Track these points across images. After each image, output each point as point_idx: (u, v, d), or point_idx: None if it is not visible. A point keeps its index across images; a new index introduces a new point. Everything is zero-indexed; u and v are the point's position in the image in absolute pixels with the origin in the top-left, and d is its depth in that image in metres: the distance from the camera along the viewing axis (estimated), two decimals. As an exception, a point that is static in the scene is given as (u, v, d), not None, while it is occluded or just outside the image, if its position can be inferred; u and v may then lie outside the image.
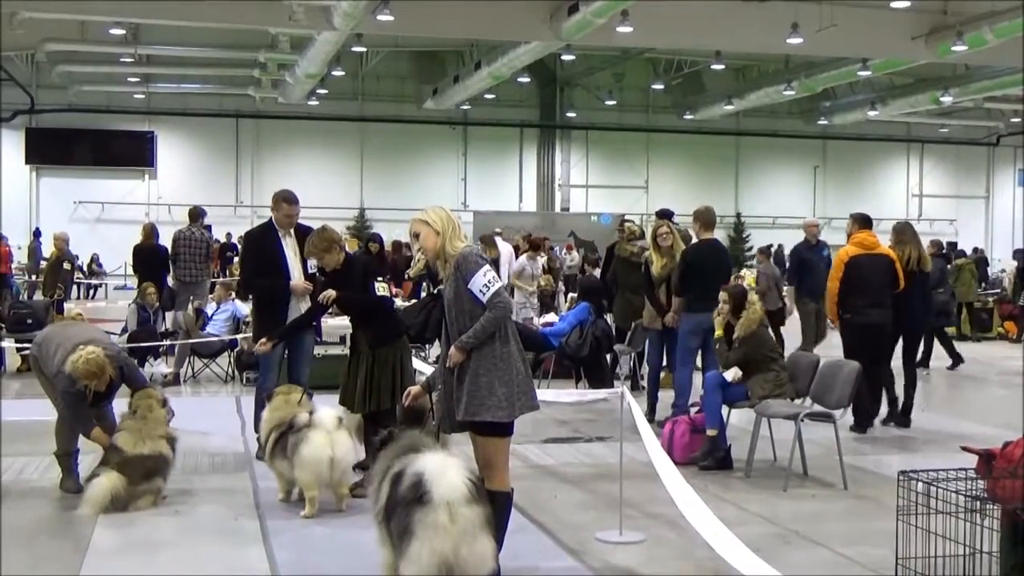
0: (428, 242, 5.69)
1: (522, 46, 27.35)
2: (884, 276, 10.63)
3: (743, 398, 8.94)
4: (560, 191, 42.20)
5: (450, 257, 5.66)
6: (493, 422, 5.50)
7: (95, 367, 7.45)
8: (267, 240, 9.11)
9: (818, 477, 8.63)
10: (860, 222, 11.04)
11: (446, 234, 5.64)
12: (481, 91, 35.39)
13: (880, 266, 10.66)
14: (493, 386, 5.48)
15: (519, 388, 5.54)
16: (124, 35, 30.38)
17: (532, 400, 5.66)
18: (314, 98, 36.83)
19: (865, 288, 10.53)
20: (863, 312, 10.57)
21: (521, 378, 5.58)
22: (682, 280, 10.58)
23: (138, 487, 7.41)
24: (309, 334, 9.18)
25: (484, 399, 5.49)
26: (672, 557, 6.56)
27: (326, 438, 7.25)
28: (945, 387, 15.51)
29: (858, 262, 10.63)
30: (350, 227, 36.07)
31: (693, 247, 10.84)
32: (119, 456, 7.43)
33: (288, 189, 9.30)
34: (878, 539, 6.10)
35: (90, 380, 7.50)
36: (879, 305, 10.60)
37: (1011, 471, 5.31)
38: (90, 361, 7.42)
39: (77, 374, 7.43)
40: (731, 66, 36.58)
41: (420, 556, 4.70)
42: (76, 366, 7.41)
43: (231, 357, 14.36)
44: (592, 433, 10.57)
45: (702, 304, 10.13)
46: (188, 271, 15.10)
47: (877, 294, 10.56)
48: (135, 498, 7.40)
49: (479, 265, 5.55)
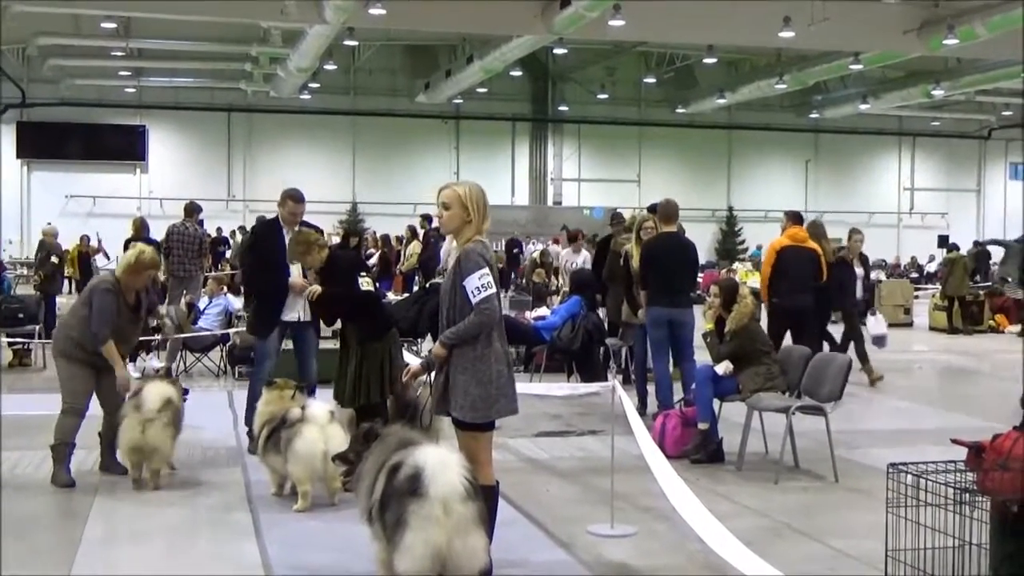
0: (452, 222, 5.58)
1: (514, 40, 27.35)
2: (808, 266, 11.91)
3: (734, 391, 8.96)
4: (552, 185, 42.22)
5: (463, 242, 5.58)
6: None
7: (149, 259, 8.06)
8: (270, 235, 9.19)
9: (809, 470, 8.66)
10: (793, 219, 12.48)
11: (475, 222, 5.55)
12: (473, 85, 35.41)
13: (805, 257, 11.93)
14: (468, 386, 5.44)
15: (498, 391, 5.48)
16: (115, 29, 30.31)
17: (511, 403, 5.58)
18: (306, 92, 36.81)
19: (791, 275, 11.76)
20: (787, 296, 11.64)
21: (502, 381, 5.50)
22: (642, 273, 10.66)
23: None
24: (310, 330, 9.24)
25: (457, 397, 5.48)
26: (664, 550, 6.57)
27: (319, 432, 7.25)
28: (935, 380, 15.57)
29: (787, 253, 11.94)
30: (342, 221, 36.03)
31: (651, 240, 10.71)
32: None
33: (296, 188, 9.36)
34: (869, 531, 6.12)
35: (134, 276, 7.98)
36: (801, 291, 11.67)
37: (1000, 463, 5.33)
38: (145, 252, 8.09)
39: (128, 268, 7.98)
40: (723, 60, 36.60)
41: (414, 547, 4.72)
42: (130, 258, 8.02)
43: (223, 351, 14.35)
44: (584, 427, 10.57)
45: (662, 298, 10.28)
46: (181, 265, 15.09)
47: (800, 281, 11.72)
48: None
49: (479, 266, 5.45)
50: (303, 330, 9.18)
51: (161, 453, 7.82)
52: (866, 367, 13.72)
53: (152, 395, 7.82)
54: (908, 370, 16.69)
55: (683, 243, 10.76)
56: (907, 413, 12.10)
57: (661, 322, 10.40)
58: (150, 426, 7.68)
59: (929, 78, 34.56)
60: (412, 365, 6.02)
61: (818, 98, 40.97)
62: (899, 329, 22.39)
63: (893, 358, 15.61)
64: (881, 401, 12.75)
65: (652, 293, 10.49)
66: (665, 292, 10.27)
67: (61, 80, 35.22)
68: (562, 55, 36.66)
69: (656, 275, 10.42)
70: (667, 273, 10.33)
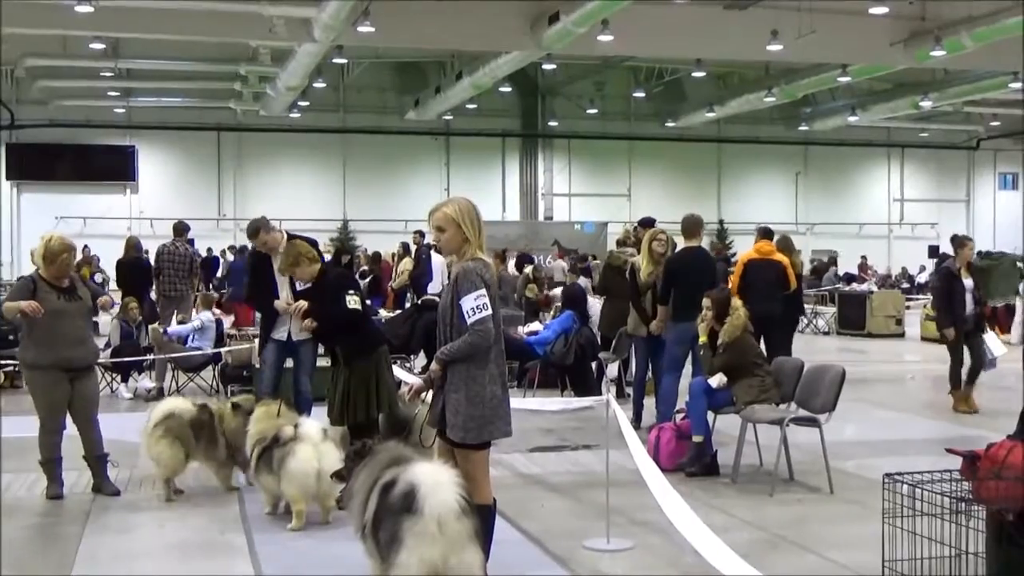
0: (452, 243, 5.59)
1: (503, 56, 27.38)
2: (773, 277, 12.38)
3: (728, 404, 8.96)
4: (543, 200, 42.22)
5: (462, 260, 5.59)
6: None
7: (57, 246, 8.01)
8: (259, 261, 9.81)
9: (804, 481, 8.65)
10: (762, 234, 13.17)
11: (473, 240, 5.57)
12: (463, 101, 35.42)
13: (770, 269, 12.46)
14: (460, 405, 5.44)
15: (492, 412, 5.47)
16: (104, 49, 30.27)
17: (506, 426, 5.57)
18: (296, 110, 36.79)
19: (757, 286, 12.13)
20: (753, 304, 11.65)
21: (495, 402, 5.48)
22: (665, 288, 10.63)
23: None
24: (308, 345, 9.44)
25: (450, 417, 5.48)
26: (660, 564, 6.56)
27: (312, 451, 7.23)
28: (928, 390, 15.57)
29: (753, 265, 12.53)
30: (333, 239, 36.00)
31: (676, 255, 10.90)
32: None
33: (257, 218, 9.98)
34: (865, 542, 6.11)
35: (51, 265, 8.00)
36: (766, 300, 11.85)
37: (995, 472, 5.34)
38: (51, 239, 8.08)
39: (42, 259, 8.03)
40: (712, 73, 36.70)
41: (409, 565, 4.70)
42: (40, 250, 8.06)
43: (215, 370, 14.32)
44: (578, 441, 10.56)
45: (687, 313, 10.17)
46: (172, 285, 15.06)
47: (765, 291, 12.00)
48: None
49: (475, 287, 5.44)
50: (298, 347, 9.52)
51: (160, 465, 7.97)
52: (965, 392, 12.84)
53: (157, 409, 8.12)
54: (901, 380, 16.73)
55: (708, 257, 11.16)
56: (900, 423, 12.10)
57: (686, 338, 10.34)
58: (150, 438, 7.91)
59: (917, 90, 34.68)
60: (415, 382, 5.99)
61: (807, 110, 41.08)
62: (891, 340, 22.48)
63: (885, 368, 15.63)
64: (874, 412, 12.75)
65: (679, 309, 10.45)
66: (693, 307, 10.04)
67: (50, 101, 35.15)
68: (551, 71, 36.70)
69: (683, 290, 10.41)
70: (694, 288, 10.19)
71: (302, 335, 9.28)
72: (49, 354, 7.98)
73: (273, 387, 9.28)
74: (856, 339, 22.61)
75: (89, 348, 8.41)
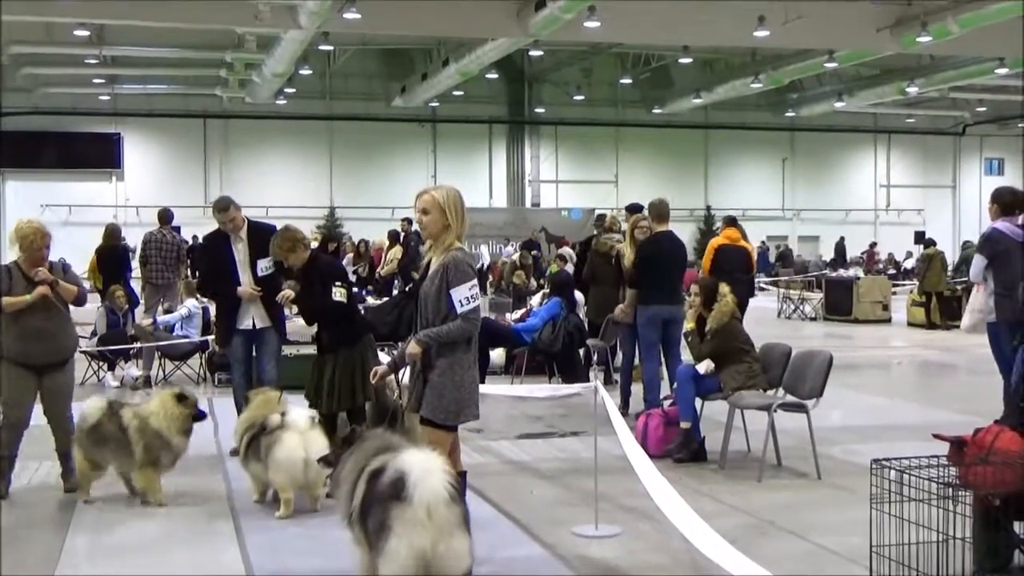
0: (434, 227, 5.74)
1: (490, 43, 27.34)
2: (739, 261, 13.39)
3: (716, 390, 8.97)
4: (530, 187, 42.25)
5: (444, 247, 5.74)
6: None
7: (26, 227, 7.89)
8: (216, 246, 9.39)
9: (792, 467, 8.67)
10: (728, 222, 14.29)
11: (455, 227, 5.75)
12: (449, 88, 35.38)
13: (737, 254, 13.47)
14: (444, 389, 5.66)
15: (469, 396, 5.73)
16: (89, 36, 30.13)
17: (476, 410, 5.83)
18: (282, 97, 36.69)
19: (727, 269, 12.80)
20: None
21: (473, 387, 5.76)
22: (637, 273, 10.75)
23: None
24: (271, 332, 9.24)
25: (433, 399, 5.67)
26: (648, 550, 6.57)
27: (299, 439, 7.21)
28: (915, 376, 15.64)
29: (722, 250, 13.51)
30: (320, 226, 35.94)
31: (648, 240, 10.98)
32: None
33: (222, 197, 9.60)
34: (852, 527, 6.13)
35: (26, 251, 7.82)
36: (735, 282, 12.06)
37: (982, 457, 5.35)
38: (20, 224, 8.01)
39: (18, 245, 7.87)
40: (699, 60, 36.71)
41: (398, 552, 4.69)
42: (11, 237, 7.97)
43: (202, 359, 14.28)
44: (566, 428, 10.56)
45: (656, 296, 10.51)
46: (160, 273, 14.98)
47: (734, 275, 12.33)
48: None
49: (468, 276, 5.68)
50: (261, 335, 9.21)
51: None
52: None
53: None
54: (887, 366, 16.78)
55: (678, 242, 11.17)
56: (888, 409, 12.13)
57: (656, 321, 10.56)
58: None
59: (903, 75, 34.76)
60: (380, 367, 6.11)
61: (793, 96, 41.14)
62: (877, 325, 22.54)
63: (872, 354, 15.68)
64: (862, 397, 12.78)
65: (648, 292, 10.64)
66: (662, 291, 10.56)
67: (34, 89, 34.99)
68: (538, 57, 36.67)
69: (653, 274, 10.63)
70: (664, 272, 10.64)
71: (265, 322, 9.12)
72: (13, 347, 7.75)
73: (248, 381, 9.07)
74: (843, 325, 22.68)
75: (60, 343, 7.98)
